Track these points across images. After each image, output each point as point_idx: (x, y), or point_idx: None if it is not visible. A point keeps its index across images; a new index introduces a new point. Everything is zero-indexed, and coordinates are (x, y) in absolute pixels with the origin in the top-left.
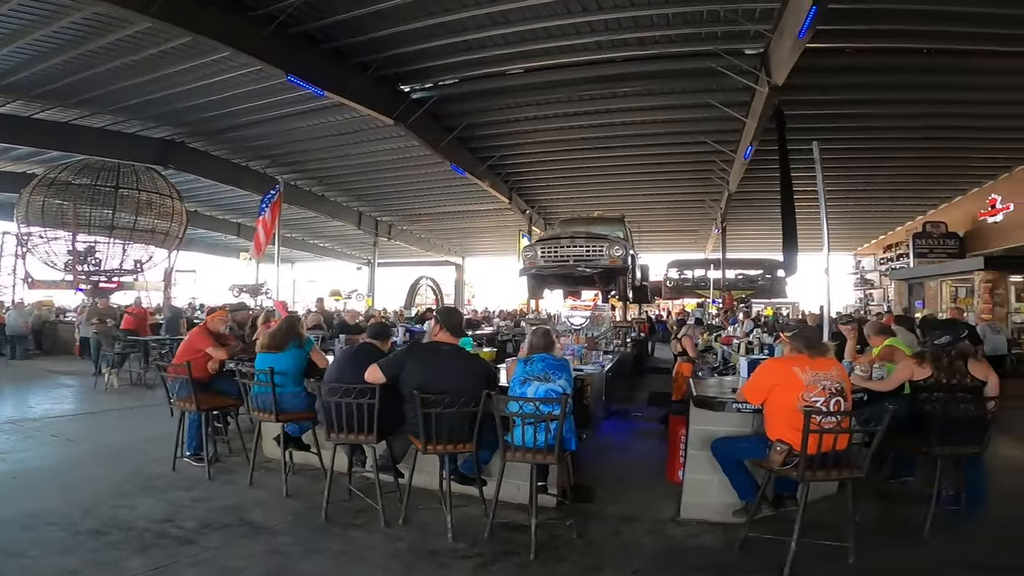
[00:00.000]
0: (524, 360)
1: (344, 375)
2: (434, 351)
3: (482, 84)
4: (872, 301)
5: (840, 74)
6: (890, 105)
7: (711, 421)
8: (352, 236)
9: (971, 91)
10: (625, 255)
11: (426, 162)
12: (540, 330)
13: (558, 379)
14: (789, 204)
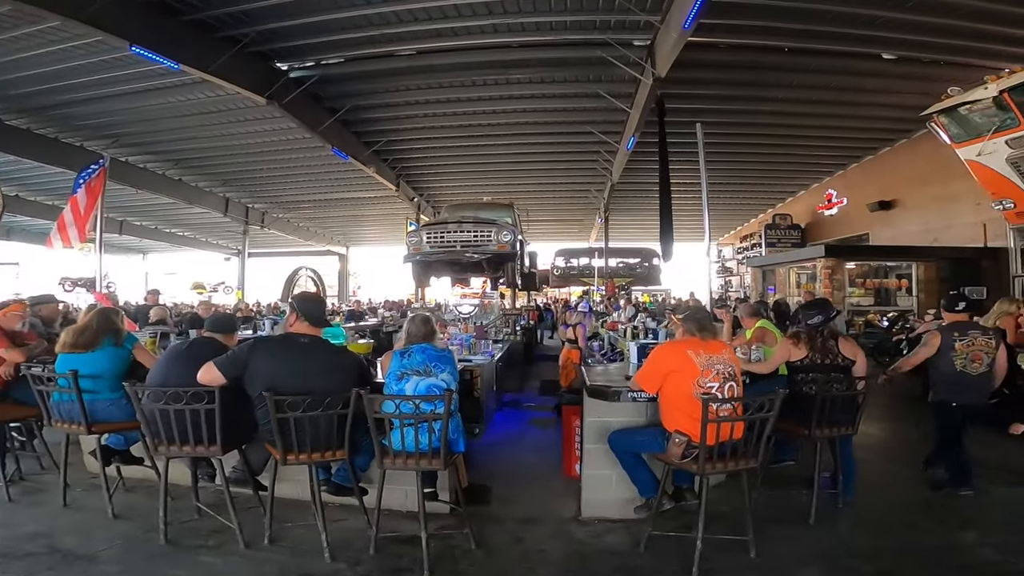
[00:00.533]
0: (401, 352)
1: (171, 376)
2: (288, 344)
3: (369, 65)
4: (731, 288)
5: (712, 69)
6: (752, 102)
7: (606, 412)
8: (218, 224)
9: (818, 90)
10: (514, 240)
11: (305, 146)
12: (419, 317)
13: (441, 372)
14: (667, 193)
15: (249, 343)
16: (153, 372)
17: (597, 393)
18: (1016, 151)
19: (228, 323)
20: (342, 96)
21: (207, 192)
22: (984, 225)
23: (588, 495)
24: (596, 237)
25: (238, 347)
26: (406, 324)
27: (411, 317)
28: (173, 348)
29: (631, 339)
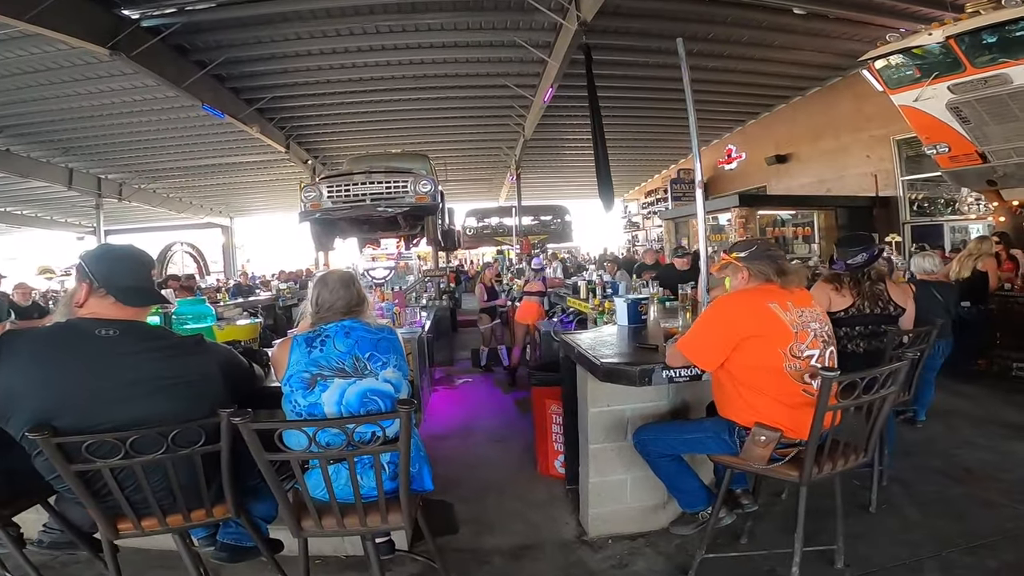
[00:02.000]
0: (308, 339)
1: None
2: (74, 339)
3: (250, 9)
4: (638, 242)
5: (628, 18)
6: (664, 55)
7: (616, 397)
8: (65, 199)
9: (729, 45)
10: (434, 191)
11: (169, 106)
12: (334, 276)
13: (382, 368)
14: (602, 143)
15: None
16: None
17: (615, 374)
18: (957, 96)
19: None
20: (214, 47)
21: (44, 164)
22: (875, 176)
23: (596, 509)
24: (507, 196)
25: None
26: (313, 290)
27: (320, 278)
28: None
29: (590, 295)
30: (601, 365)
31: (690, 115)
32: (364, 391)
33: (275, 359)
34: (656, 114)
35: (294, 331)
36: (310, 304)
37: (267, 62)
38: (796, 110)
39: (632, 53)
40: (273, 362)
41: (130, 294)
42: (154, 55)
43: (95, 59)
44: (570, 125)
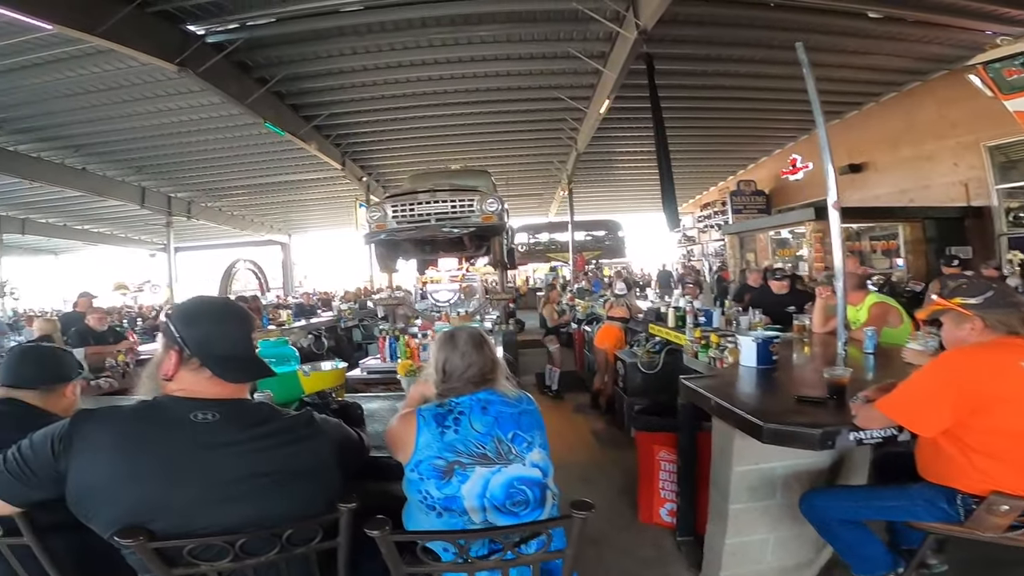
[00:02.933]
0: (439, 416)
1: None
2: (163, 430)
3: (308, 24)
4: (694, 256)
5: (690, 25)
6: (728, 63)
7: (768, 455)
8: (137, 218)
9: (792, 50)
10: (501, 210)
11: (232, 124)
12: (464, 335)
13: (527, 450)
14: (665, 156)
15: (66, 425)
16: None
17: (786, 437)
18: None
19: (49, 364)
20: (275, 63)
21: (119, 182)
22: (966, 185)
23: (731, 570)
24: (557, 211)
25: (46, 433)
26: (438, 352)
27: (447, 338)
28: None
29: (682, 324)
30: (765, 427)
31: (820, 127)
32: (510, 480)
33: (396, 437)
34: (714, 124)
35: (413, 397)
36: (434, 370)
37: (323, 78)
38: (870, 117)
39: (691, 62)
40: (393, 438)
41: (231, 368)
42: (219, 72)
43: (164, 76)
44: (623, 137)
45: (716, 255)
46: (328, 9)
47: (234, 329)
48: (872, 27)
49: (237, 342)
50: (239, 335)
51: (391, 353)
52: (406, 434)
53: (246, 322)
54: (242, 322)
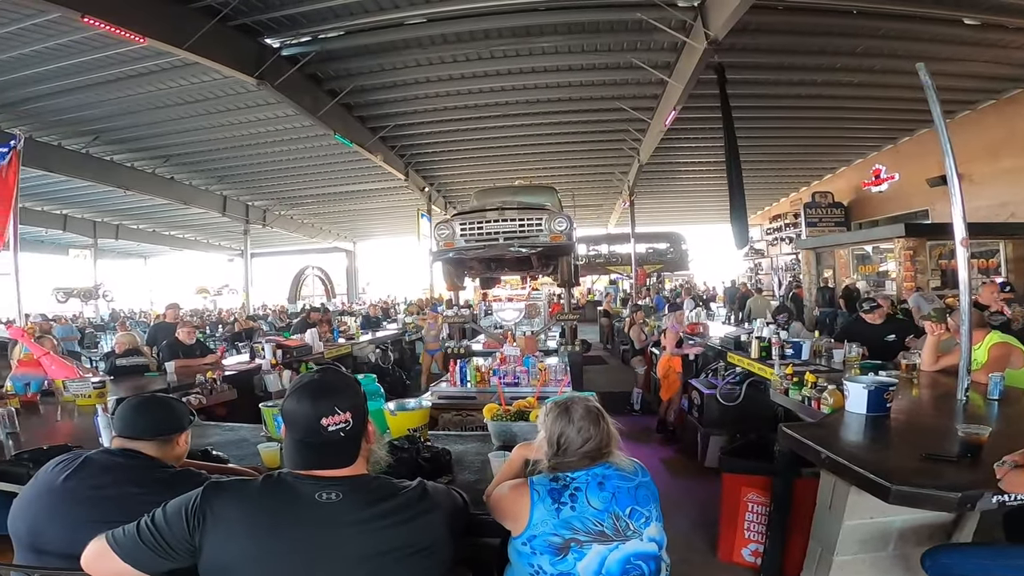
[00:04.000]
0: (554, 491)
1: (42, 528)
2: (290, 510)
3: (373, 37)
4: (761, 270)
5: (768, 34)
6: (805, 71)
7: (885, 509)
8: (218, 224)
9: (883, 58)
10: (569, 229)
11: (303, 135)
12: (580, 408)
13: (645, 523)
14: (736, 171)
15: (198, 499)
16: (16, 507)
17: (917, 500)
18: None
19: (164, 416)
20: (344, 76)
21: (203, 191)
22: None
23: None
24: (616, 222)
25: (178, 505)
26: (553, 424)
27: (561, 408)
28: (57, 468)
29: (765, 355)
30: (894, 489)
31: (947, 155)
32: (628, 556)
33: (506, 508)
34: (787, 134)
35: (516, 457)
36: (546, 441)
37: (389, 90)
38: (965, 125)
39: (763, 71)
40: (502, 508)
41: (299, 451)
42: (293, 85)
43: (243, 89)
44: (687, 148)
45: (786, 269)
46: (393, 22)
47: (314, 409)
48: (968, 33)
49: (306, 424)
50: (312, 414)
51: (461, 377)
52: (518, 507)
53: (322, 400)
54: (315, 401)
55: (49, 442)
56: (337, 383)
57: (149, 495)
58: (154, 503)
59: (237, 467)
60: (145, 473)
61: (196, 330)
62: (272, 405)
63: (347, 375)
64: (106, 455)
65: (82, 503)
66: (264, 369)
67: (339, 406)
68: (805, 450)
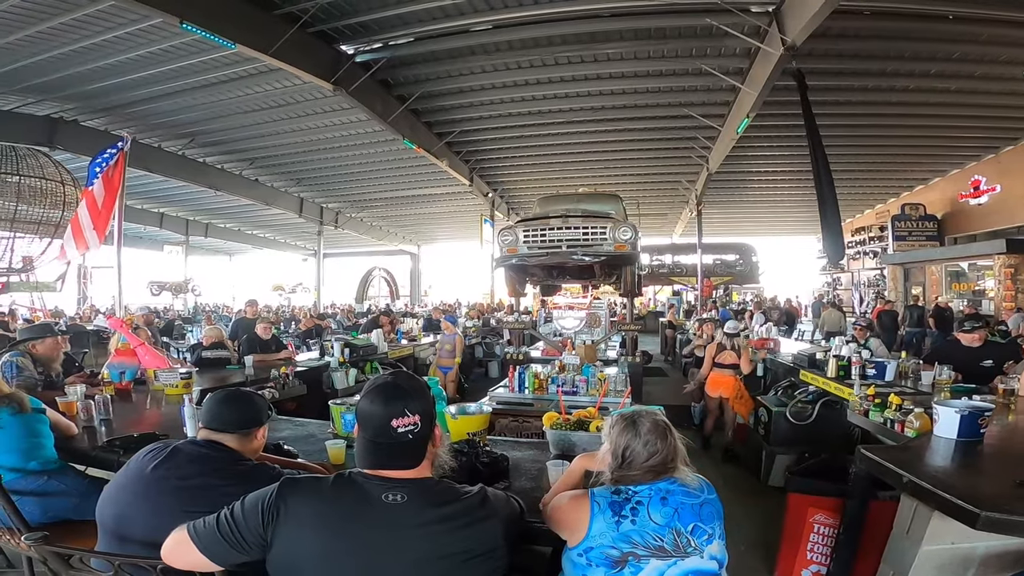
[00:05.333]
0: (615, 504)
1: (128, 515)
2: (358, 509)
3: (441, 43)
4: (840, 285)
5: (851, 39)
6: (893, 78)
7: (969, 534)
8: (295, 225)
9: (983, 64)
10: (635, 239)
11: (374, 140)
12: (648, 422)
13: (707, 540)
14: (827, 178)
15: (274, 494)
16: (106, 494)
17: (1008, 527)
18: None
19: (248, 409)
20: (412, 82)
21: (282, 193)
22: None
23: None
24: (681, 232)
25: (255, 500)
26: (619, 437)
27: (627, 421)
28: (148, 457)
29: (843, 375)
30: (983, 515)
31: None
32: (686, 573)
33: (564, 518)
34: (871, 144)
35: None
36: (610, 454)
37: (455, 96)
38: None
39: (845, 77)
40: (559, 518)
41: (368, 453)
42: (366, 91)
43: (320, 95)
44: (759, 157)
45: (869, 285)
46: (460, 29)
47: (386, 410)
48: None
49: (378, 424)
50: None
51: (519, 384)
52: (577, 518)
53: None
54: (387, 403)
55: (138, 430)
56: (409, 386)
57: (230, 487)
58: (234, 495)
59: (307, 463)
60: (227, 466)
61: (272, 326)
62: (340, 403)
63: (419, 379)
64: (193, 446)
65: (168, 492)
66: (332, 366)
67: (409, 409)
68: (885, 473)
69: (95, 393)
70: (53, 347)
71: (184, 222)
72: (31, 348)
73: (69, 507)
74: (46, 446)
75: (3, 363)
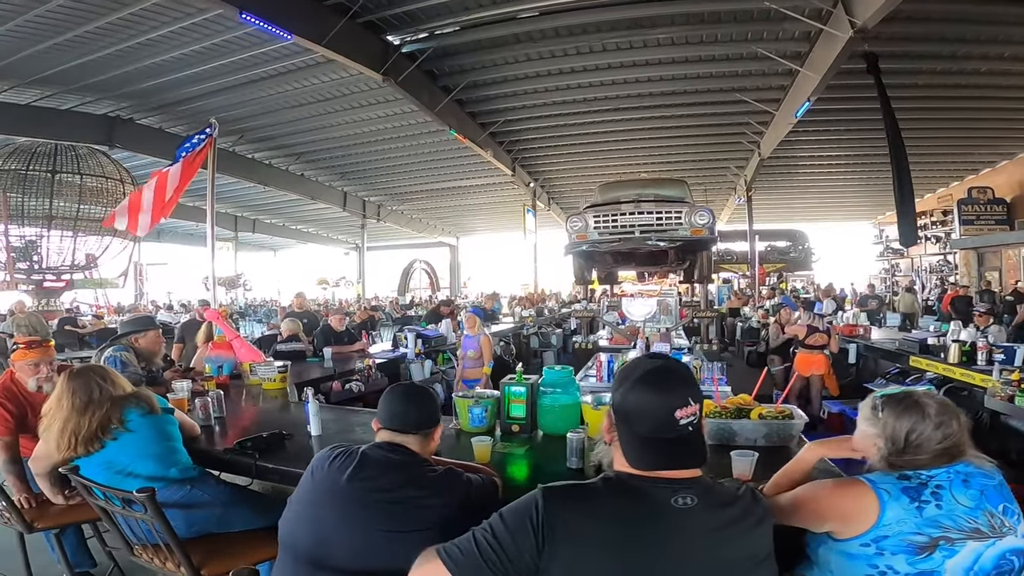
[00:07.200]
0: (910, 489)
1: (337, 539)
2: (645, 519)
3: (487, 32)
4: (899, 271)
5: (920, 22)
6: (964, 61)
7: None
8: (338, 219)
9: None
10: (712, 223)
11: (417, 132)
12: (933, 404)
13: (1017, 520)
14: (904, 161)
15: (541, 507)
16: (296, 511)
17: None
18: None
19: (431, 407)
20: (457, 72)
21: (327, 187)
22: None
23: None
24: (728, 218)
25: (520, 515)
26: (898, 421)
27: (911, 400)
28: (335, 465)
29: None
30: None
31: None
32: (1003, 552)
33: (835, 507)
34: (934, 127)
35: (806, 457)
36: (882, 438)
37: (500, 85)
38: None
39: (910, 60)
40: (829, 507)
41: (647, 451)
42: (413, 81)
43: (366, 87)
44: (811, 141)
45: (931, 271)
46: (506, 16)
47: (665, 400)
48: None
49: (659, 417)
50: (665, 406)
51: (609, 372)
52: (857, 507)
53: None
54: (665, 391)
55: (253, 427)
56: (681, 369)
57: (430, 499)
58: (433, 508)
59: (475, 464)
60: (418, 473)
61: (346, 318)
62: (463, 396)
63: (681, 361)
64: (380, 451)
65: (369, 507)
66: (409, 358)
67: (692, 396)
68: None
69: (197, 388)
70: (155, 340)
71: (233, 218)
72: (133, 341)
73: (212, 519)
74: (181, 450)
75: (106, 358)
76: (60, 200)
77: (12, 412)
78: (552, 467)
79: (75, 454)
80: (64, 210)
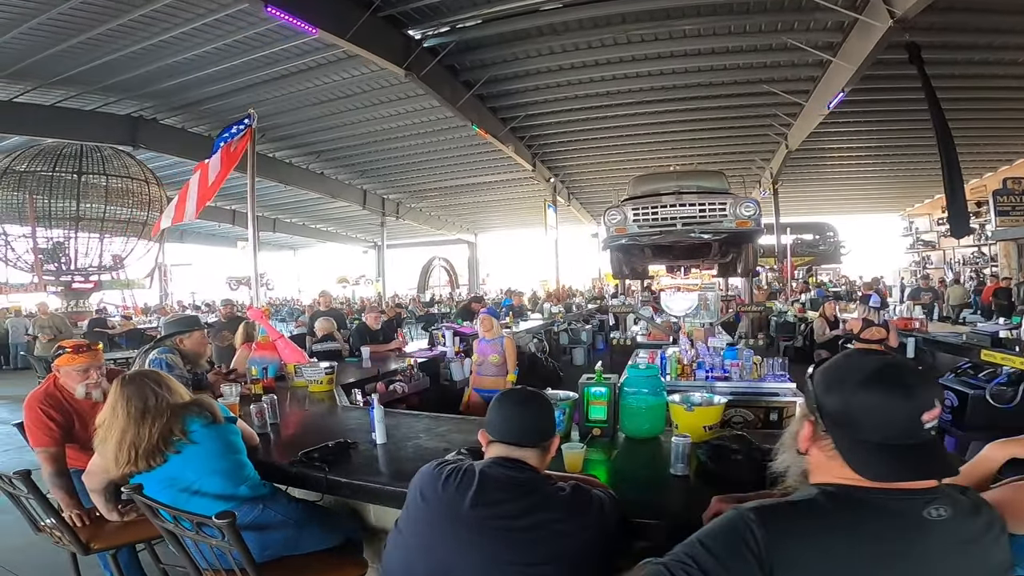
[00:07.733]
0: None
1: (455, 570)
2: (898, 540)
3: (509, 24)
4: (931, 264)
5: (960, 12)
6: (1000, 51)
7: None
8: (357, 217)
9: None
10: (758, 214)
11: (436, 128)
12: None
13: None
14: (952, 151)
15: (753, 529)
16: (404, 541)
17: None
18: None
19: (549, 416)
20: (479, 66)
21: (347, 185)
22: None
23: None
24: None
25: (731, 542)
26: None
27: None
28: (449, 486)
29: None
30: None
31: None
32: None
33: None
34: (968, 117)
35: (989, 455)
36: None
37: (522, 79)
38: None
39: (947, 50)
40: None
41: (883, 460)
42: (435, 76)
43: (387, 83)
44: (840, 133)
45: (965, 263)
46: (529, 8)
47: (910, 402)
48: None
49: (901, 421)
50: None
51: (661, 369)
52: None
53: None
54: (912, 392)
55: (309, 434)
56: (913, 366)
57: (562, 524)
58: (567, 534)
59: (585, 476)
60: (547, 492)
61: (382, 315)
62: None
63: None
64: (500, 470)
65: (497, 536)
66: (448, 356)
67: (937, 397)
68: None
69: (245, 392)
70: (201, 341)
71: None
72: (178, 343)
73: (283, 541)
74: (248, 464)
75: (151, 361)
76: (87, 201)
77: (58, 421)
78: (642, 473)
79: (135, 469)
80: (91, 211)
